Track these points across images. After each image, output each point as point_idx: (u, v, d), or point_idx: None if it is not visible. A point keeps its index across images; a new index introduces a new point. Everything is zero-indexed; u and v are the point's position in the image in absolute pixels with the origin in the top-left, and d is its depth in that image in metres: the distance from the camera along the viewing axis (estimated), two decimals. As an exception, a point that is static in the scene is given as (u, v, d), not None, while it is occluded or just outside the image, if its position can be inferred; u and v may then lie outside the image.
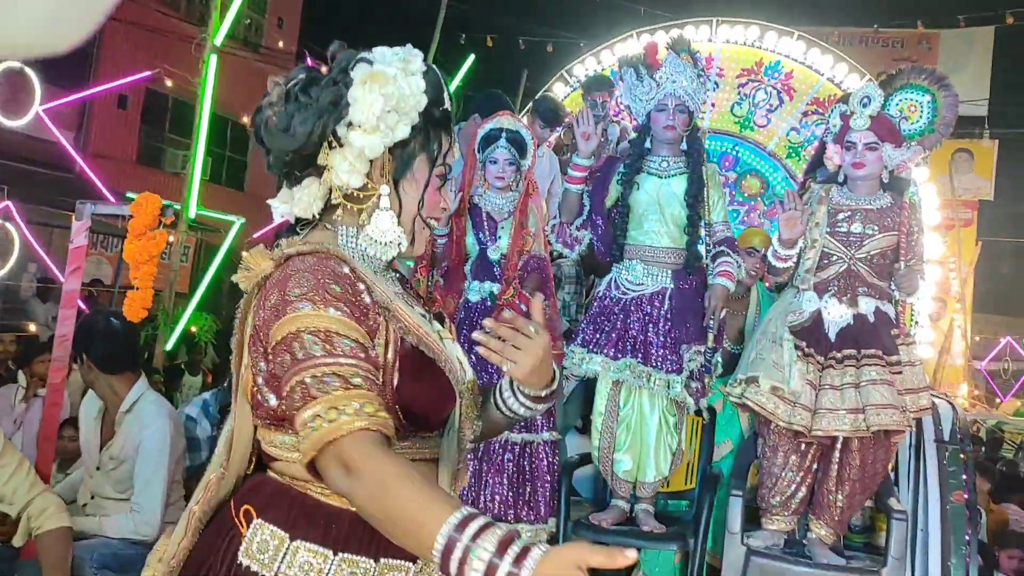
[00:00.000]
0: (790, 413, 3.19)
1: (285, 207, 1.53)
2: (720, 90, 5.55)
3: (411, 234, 1.53)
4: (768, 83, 5.52)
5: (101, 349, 2.90)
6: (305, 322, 1.32)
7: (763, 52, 5.52)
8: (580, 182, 3.55)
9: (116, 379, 2.92)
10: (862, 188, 3.33)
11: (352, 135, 1.43)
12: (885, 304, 3.30)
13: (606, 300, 3.53)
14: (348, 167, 1.44)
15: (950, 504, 3.45)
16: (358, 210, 1.48)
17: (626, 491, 3.57)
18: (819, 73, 5.43)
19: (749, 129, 5.50)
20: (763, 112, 5.50)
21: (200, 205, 6.80)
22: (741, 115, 5.52)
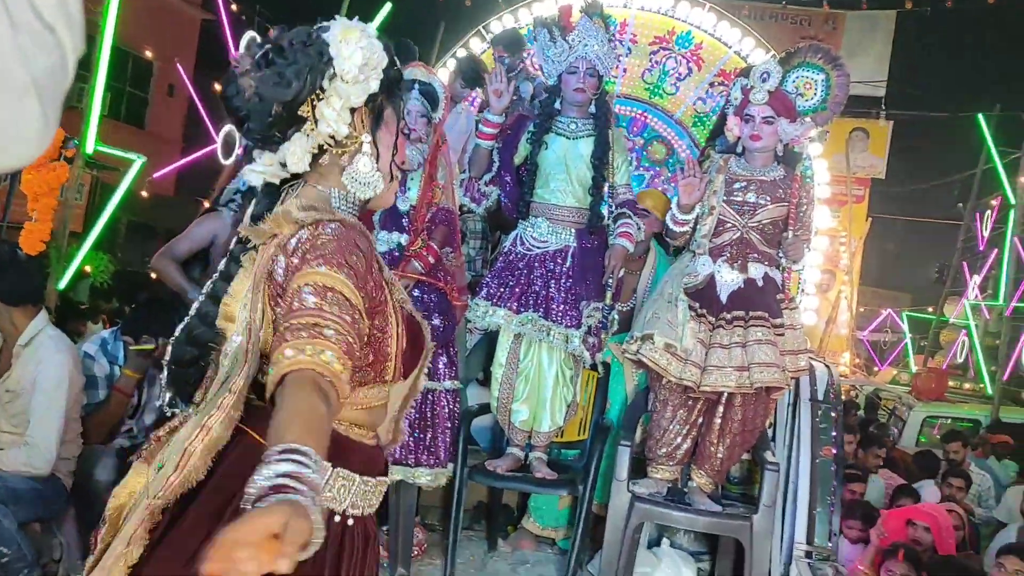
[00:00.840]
0: (681, 369, 3.37)
1: (271, 169, 1.60)
2: (632, 56, 5.65)
3: (388, 174, 1.67)
4: (679, 52, 5.64)
5: (4, 280, 2.83)
6: (314, 278, 1.43)
7: (676, 21, 5.64)
8: (491, 138, 3.61)
9: (17, 312, 2.86)
10: (758, 160, 3.51)
11: (338, 85, 1.53)
12: (773, 270, 3.50)
13: (511, 256, 3.63)
14: (335, 116, 1.53)
15: (819, 458, 3.71)
16: (341, 154, 1.59)
17: (522, 440, 3.71)
18: (727, 45, 5.59)
19: (658, 96, 5.64)
20: (672, 80, 5.64)
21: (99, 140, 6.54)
22: (651, 82, 5.64)
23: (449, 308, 3.70)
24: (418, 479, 3.52)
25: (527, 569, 3.81)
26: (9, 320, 2.86)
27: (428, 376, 3.57)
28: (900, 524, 4.82)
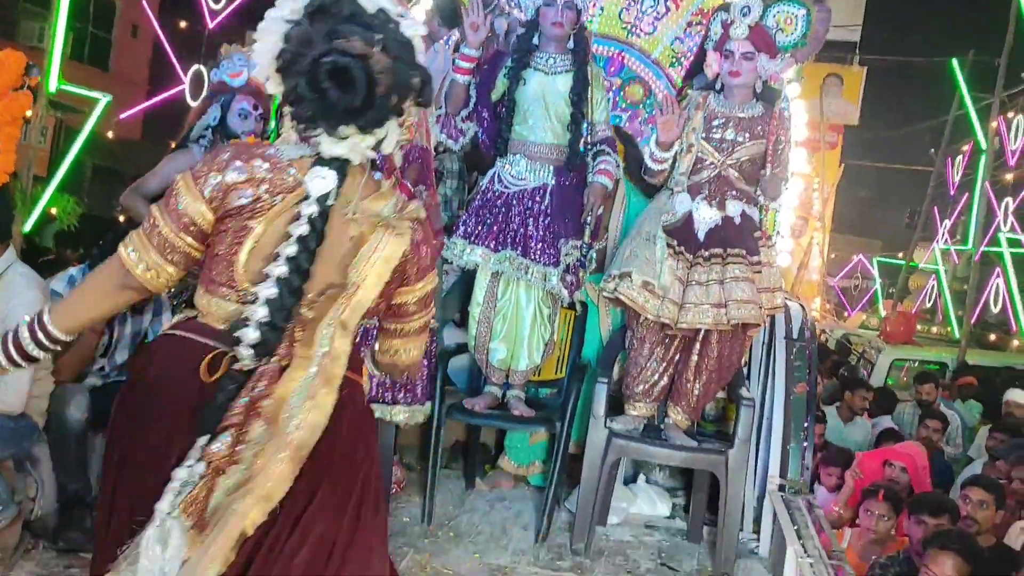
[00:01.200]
0: (659, 307, 3.38)
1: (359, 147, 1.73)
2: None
3: None
4: (657, -9, 5.57)
5: None
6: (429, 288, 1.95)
7: (653, -40, 5.55)
8: (467, 72, 3.54)
9: None
10: (737, 96, 3.48)
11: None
12: (751, 208, 3.50)
13: (488, 194, 3.59)
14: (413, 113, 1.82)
15: (793, 395, 3.76)
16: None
17: (499, 379, 3.72)
18: (705, -16, 5.53)
19: (636, 35, 5.56)
20: (650, 19, 5.55)
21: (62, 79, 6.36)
22: (629, 21, 5.55)
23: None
24: (395, 417, 3.51)
25: (504, 506, 3.85)
26: None
27: (405, 315, 3.60)
28: (876, 465, 4.91)
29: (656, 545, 3.65)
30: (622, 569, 3.36)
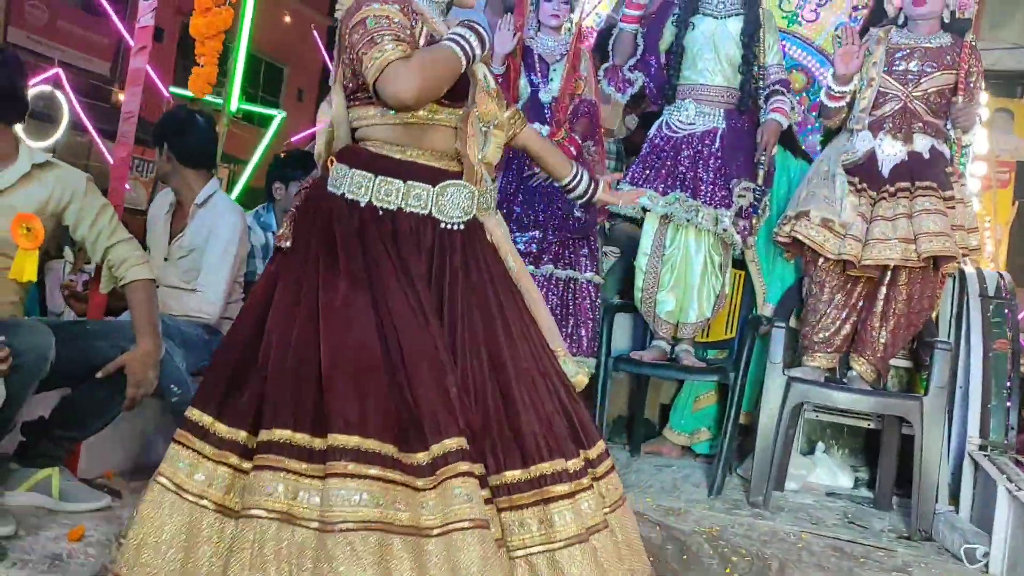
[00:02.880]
0: (840, 245, 3.20)
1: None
2: (770, -17, 5.49)
3: None
4: (819, -25, 5.45)
5: (182, 140, 2.95)
6: (350, 23, 1.89)
7: (815, -56, 5.45)
8: (635, 21, 3.55)
9: (193, 173, 2.97)
10: (922, 27, 3.31)
11: None
12: (940, 144, 3.29)
13: (656, 139, 3.55)
14: None
15: (992, 351, 3.44)
16: None
17: (667, 332, 3.61)
18: (872, -34, 5.36)
19: (797, 24, 5.43)
20: (812, 6, 5.43)
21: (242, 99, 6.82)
22: (789, 10, 5.43)
23: (590, 199, 3.63)
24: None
25: (672, 471, 3.68)
26: (185, 181, 2.97)
27: (569, 265, 3.57)
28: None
29: (841, 509, 3.39)
30: (805, 520, 3.13)
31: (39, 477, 2.35)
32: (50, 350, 2.10)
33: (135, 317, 2.38)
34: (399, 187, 1.93)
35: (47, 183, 2.31)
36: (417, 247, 1.91)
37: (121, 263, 2.38)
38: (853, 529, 3.11)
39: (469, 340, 1.89)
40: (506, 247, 2.07)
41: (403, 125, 1.95)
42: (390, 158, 1.95)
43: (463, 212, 1.97)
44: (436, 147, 1.97)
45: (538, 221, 3.53)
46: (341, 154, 1.99)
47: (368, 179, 1.92)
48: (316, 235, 1.91)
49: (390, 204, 1.92)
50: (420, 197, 1.94)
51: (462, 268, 1.93)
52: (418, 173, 1.95)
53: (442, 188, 1.95)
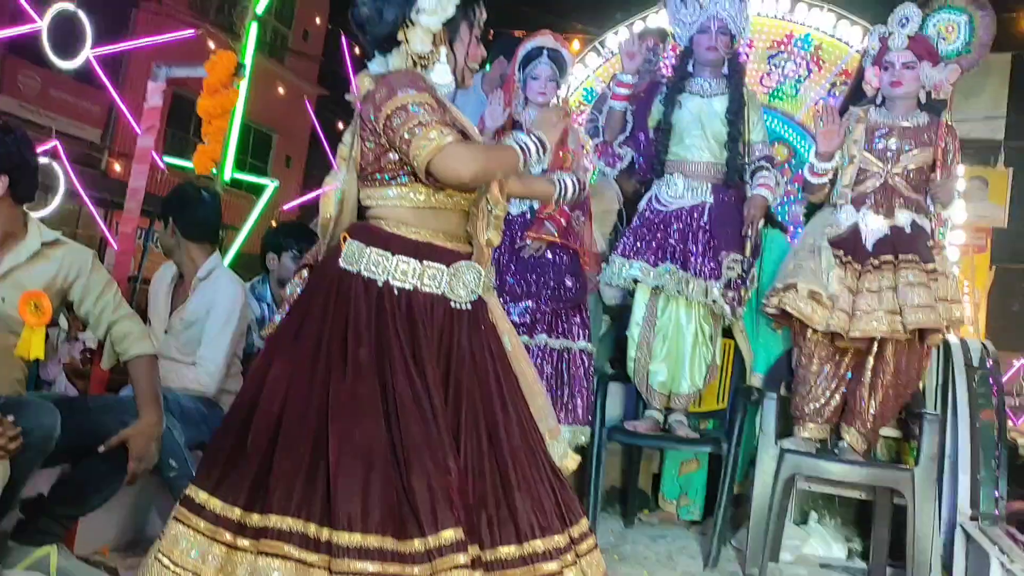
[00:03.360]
0: (828, 317, 3.27)
1: (381, 68, 2.13)
2: (751, 61, 5.68)
3: (460, 76, 2.18)
4: (797, 55, 5.65)
5: (188, 216, 3.00)
6: (391, 106, 1.98)
7: (793, 24, 5.64)
8: (624, 99, 3.67)
9: (196, 247, 3.02)
10: (900, 107, 3.45)
11: (420, 18, 2.06)
12: (921, 218, 3.39)
13: (647, 213, 3.64)
14: (420, 39, 2.08)
15: (979, 422, 3.50)
16: (425, 64, 2.12)
17: (660, 402, 3.65)
18: (848, 45, 5.56)
19: (778, 99, 5.62)
20: (792, 82, 5.62)
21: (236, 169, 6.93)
22: (771, 85, 5.62)
23: (581, 270, 3.71)
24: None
25: (667, 542, 3.68)
26: (188, 255, 3.02)
27: (563, 335, 3.62)
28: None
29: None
30: (801, 594, 3.14)
31: (38, 555, 2.34)
32: (56, 429, 2.11)
33: (138, 391, 2.40)
34: (415, 267, 2.00)
35: (55, 260, 2.35)
36: (429, 327, 1.97)
37: (124, 338, 2.41)
38: (848, 602, 3.12)
39: (471, 418, 1.94)
40: (504, 326, 2.13)
41: (418, 209, 2.05)
42: (407, 238, 2.02)
43: (470, 292, 2.04)
44: (448, 229, 2.07)
45: (531, 292, 3.60)
46: (355, 231, 2.06)
47: (385, 258, 1.99)
48: (330, 315, 1.96)
49: (406, 284, 1.99)
50: (435, 277, 2.01)
51: (467, 348, 2.00)
52: (433, 254, 2.02)
53: (455, 269, 2.03)
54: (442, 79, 2.12)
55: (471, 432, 1.93)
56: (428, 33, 2.08)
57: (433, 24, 2.08)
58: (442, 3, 2.07)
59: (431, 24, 2.08)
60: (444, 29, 2.11)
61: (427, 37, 2.09)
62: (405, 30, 2.08)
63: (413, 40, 2.08)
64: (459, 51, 2.15)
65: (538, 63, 3.68)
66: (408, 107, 1.96)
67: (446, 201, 2.05)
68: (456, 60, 2.15)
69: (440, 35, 2.11)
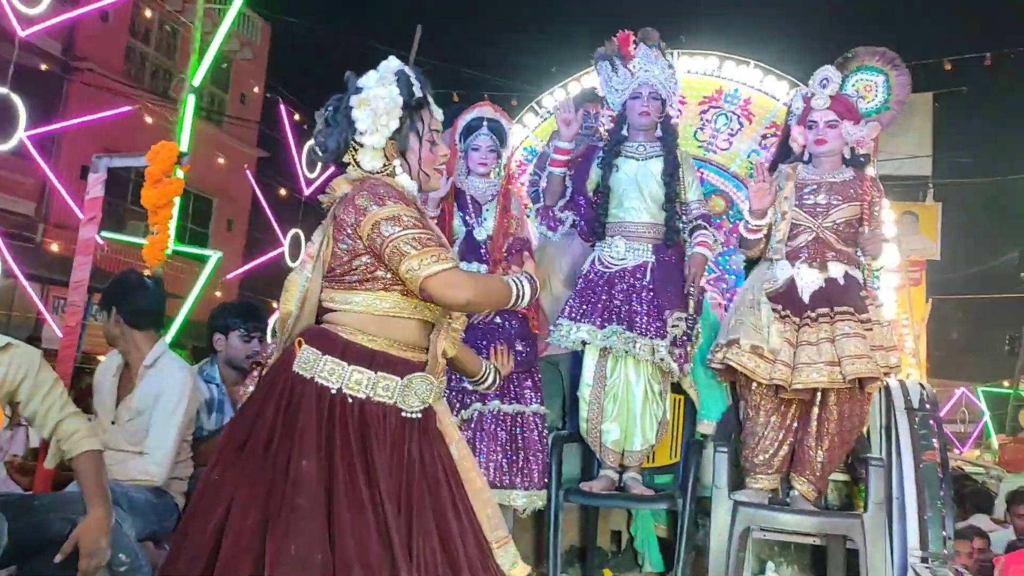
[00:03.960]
0: (770, 370, 3.36)
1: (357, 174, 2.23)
2: (683, 117, 5.85)
3: (419, 180, 2.26)
4: (728, 109, 5.84)
5: (132, 304, 2.97)
6: (381, 214, 2.05)
7: (722, 80, 5.85)
8: (563, 165, 3.75)
9: (141, 335, 2.99)
10: (826, 164, 3.59)
11: (363, 139, 2.16)
12: (853, 269, 3.52)
13: (591, 275, 3.71)
14: (369, 158, 2.18)
15: (923, 463, 3.60)
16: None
17: (614, 461, 3.68)
18: (775, 99, 5.78)
19: (712, 152, 5.79)
20: (725, 136, 5.80)
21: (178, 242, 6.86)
22: (704, 139, 5.80)
23: (531, 333, 3.76)
24: (514, 502, 3.49)
25: (629, 601, 3.69)
26: (133, 343, 2.99)
27: (515, 400, 3.65)
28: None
29: (795, 632, 3.43)
30: (764, 648, 3.16)
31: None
32: (3, 534, 2.06)
33: (85, 487, 2.36)
34: (370, 377, 2.02)
35: (3, 364, 2.32)
36: (382, 437, 1.99)
37: (70, 436, 2.38)
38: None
39: (424, 527, 1.98)
40: (453, 434, 2.17)
41: (381, 317, 2.08)
42: (363, 347, 2.04)
43: (421, 402, 2.07)
44: (405, 339, 2.10)
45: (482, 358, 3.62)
46: (311, 337, 2.08)
47: (340, 366, 2.01)
48: (279, 423, 1.97)
49: (359, 393, 2.01)
50: (388, 388, 2.03)
51: (418, 457, 2.03)
52: (387, 364, 2.05)
53: (408, 380, 2.06)
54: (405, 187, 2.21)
55: (425, 540, 1.96)
56: (376, 151, 2.18)
57: (376, 143, 2.16)
58: (380, 121, 2.14)
59: (375, 143, 2.16)
60: (392, 143, 2.19)
61: (376, 155, 2.18)
62: (353, 154, 2.19)
63: (363, 160, 2.18)
64: (412, 160, 2.24)
65: (478, 134, 3.76)
66: (401, 217, 2.04)
67: (411, 310, 2.09)
68: (411, 168, 2.23)
69: (390, 149, 2.20)
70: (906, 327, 17.86)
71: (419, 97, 2.21)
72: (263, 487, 1.89)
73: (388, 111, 2.14)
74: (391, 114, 2.15)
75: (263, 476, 1.91)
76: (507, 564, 2.12)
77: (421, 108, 2.23)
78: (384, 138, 2.17)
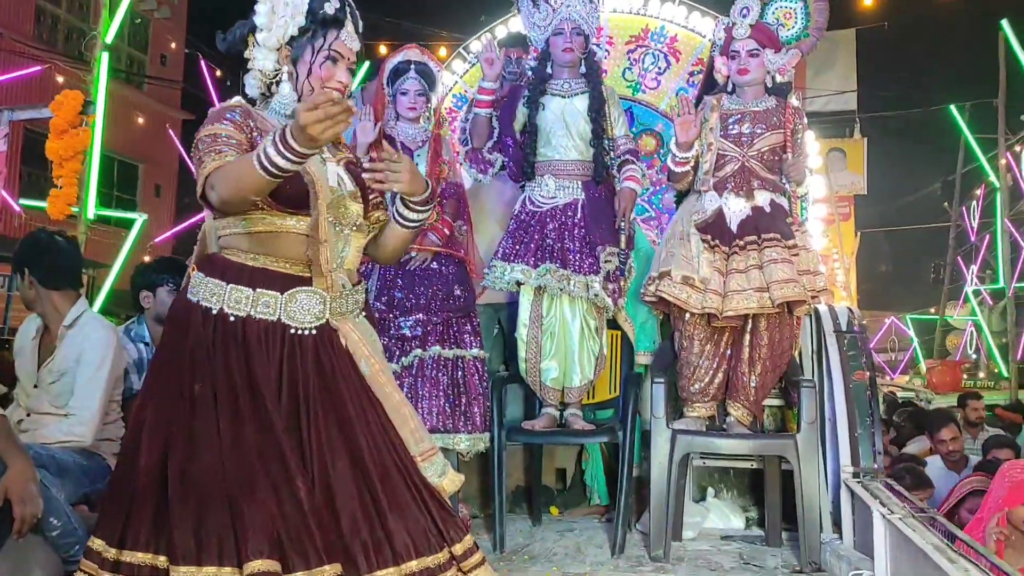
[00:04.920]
0: (702, 299, 3.40)
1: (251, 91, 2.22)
2: (610, 57, 5.82)
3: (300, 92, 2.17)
4: (655, 48, 5.83)
5: (45, 264, 2.87)
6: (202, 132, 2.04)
7: (648, 19, 5.82)
8: (488, 106, 3.72)
9: (59, 296, 2.89)
10: (748, 93, 3.62)
11: (259, 36, 2.15)
12: (779, 196, 3.57)
13: (522, 215, 3.69)
14: (262, 57, 2.16)
15: (852, 382, 3.70)
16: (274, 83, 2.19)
17: (555, 398, 3.71)
18: (701, 35, 5.78)
19: (640, 92, 5.79)
20: (652, 75, 5.79)
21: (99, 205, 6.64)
22: (632, 79, 5.79)
23: (468, 278, 3.75)
24: (457, 446, 3.51)
25: (575, 535, 3.75)
26: (51, 305, 2.88)
27: (455, 344, 3.64)
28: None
29: (737, 551, 3.53)
30: (704, 568, 3.25)
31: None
32: None
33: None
34: (248, 295, 2.01)
35: None
36: (267, 354, 1.98)
37: None
38: (750, 569, 3.25)
39: (326, 442, 1.96)
40: (362, 351, 2.10)
41: (254, 234, 2.05)
42: (243, 265, 2.03)
43: (314, 318, 2.04)
44: (286, 254, 2.06)
45: (420, 304, 3.61)
46: (200, 263, 2.10)
47: (220, 287, 2.01)
48: (177, 350, 2.00)
49: (239, 311, 2.00)
50: (268, 304, 2.01)
51: (315, 372, 2.00)
52: (267, 280, 2.03)
53: (291, 295, 2.03)
54: (282, 97, 2.17)
55: (328, 456, 1.94)
56: (270, 51, 2.15)
57: (267, 41, 2.14)
58: (277, 21, 2.12)
59: (266, 40, 2.14)
60: (288, 49, 2.16)
61: (268, 56, 2.16)
62: (252, 49, 2.17)
63: (256, 58, 2.16)
64: (302, 71, 2.16)
65: (406, 78, 3.69)
66: (199, 143, 2.01)
67: (278, 224, 2.05)
68: (298, 80, 2.16)
69: (283, 54, 2.16)
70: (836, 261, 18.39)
71: (329, 14, 2.14)
72: (168, 412, 1.94)
73: (291, 13, 2.12)
74: (293, 18, 2.12)
75: (167, 402, 1.96)
76: (434, 475, 2.09)
77: (329, 26, 2.16)
78: (277, 39, 2.14)
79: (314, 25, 2.14)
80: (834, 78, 17.29)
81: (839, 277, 17.57)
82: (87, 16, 16.64)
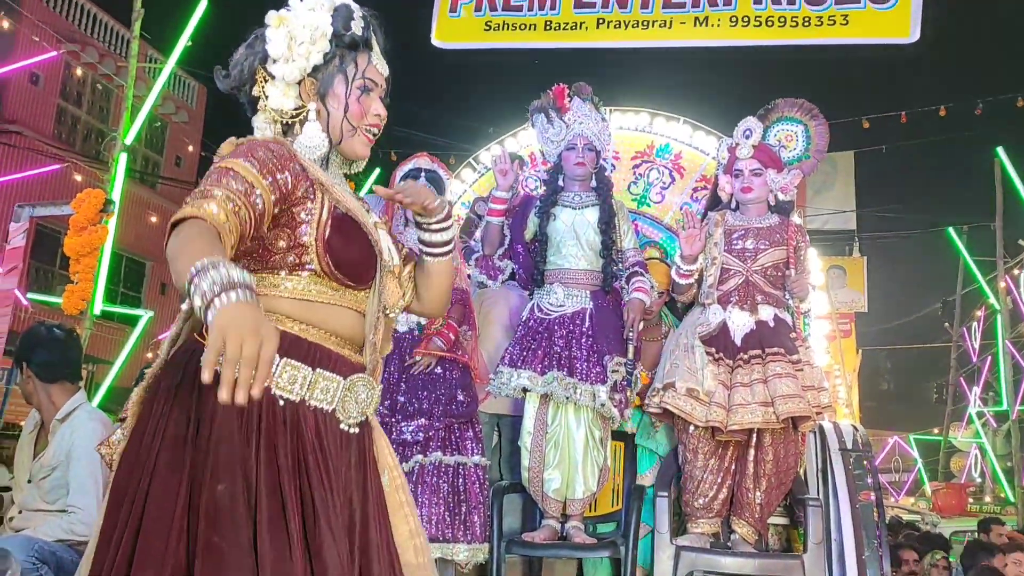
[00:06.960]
0: (706, 412, 3.40)
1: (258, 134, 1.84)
2: (617, 171, 5.99)
3: (340, 137, 1.83)
4: (660, 163, 6.01)
5: (41, 357, 2.88)
6: (224, 163, 1.64)
7: (653, 136, 6.02)
8: (500, 215, 3.80)
9: (55, 388, 2.89)
10: (752, 210, 3.71)
11: (275, 68, 1.77)
12: (782, 311, 3.61)
13: (530, 323, 3.72)
14: (279, 94, 1.79)
15: (859, 503, 3.65)
16: (293, 123, 1.82)
17: (556, 510, 3.65)
18: (705, 154, 5.96)
19: (646, 205, 5.92)
20: (657, 189, 5.94)
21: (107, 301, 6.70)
22: (637, 193, 5.94)
23: (471, 383, 3.75)
24: (456, 556, 3.43)
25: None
26: (47, 397, 2.89)
27: (456, 451, 3.61)
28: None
29: (741, 675, 3.41)
30: None
31: None
32: None
33: None
34: (307, 375, 1.62)
35: None
36: (320, 453, 1.60)
37: None
38: None
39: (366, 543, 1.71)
40: (388, 461, 1.81)
41: (309, 302, 1.68)
42: (297, 338, 1.64)
43: (360, 413, 1.70)
44: (339, 331, 1.72)
45: (423, 409, 3.60)
46: None
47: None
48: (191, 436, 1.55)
49: (292, 395, 1.60)
50: (327, 390, 1.65)
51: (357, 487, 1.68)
52: (327, 361, 1.66)
53: (351, 382, 1.68)
54: (311, 140, 1.78)
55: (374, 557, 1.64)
56: (288, 87, 1.78)
57: (288, 74, 1.76)
58: (297, 48, 1.75)
59: (286, 74, 1.76)
60: (312, 81, 1.79)
61: (288, 92, 1.78)
62: (263, 85, 1.80)
63: (271, 97, 1.78)
64: (333, 106, 1.81)
65: None
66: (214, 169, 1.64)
67: (333, 295, 1.70)
68: (329, 117, 1.81)
69: (307, 88, 1.80)
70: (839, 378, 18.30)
71: (358, 35, 1.81)
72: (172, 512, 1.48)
73: (311, 38, 1.75)
74: (314, 43, 1.76)
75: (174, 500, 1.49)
76: None
77: (358, 50, 1.82)
78: (300, 71, 1.76)
79: (339, 49, 1.80)
80: (833, 198, 17.68)
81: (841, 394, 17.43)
82: (106, 117, 17.18)
